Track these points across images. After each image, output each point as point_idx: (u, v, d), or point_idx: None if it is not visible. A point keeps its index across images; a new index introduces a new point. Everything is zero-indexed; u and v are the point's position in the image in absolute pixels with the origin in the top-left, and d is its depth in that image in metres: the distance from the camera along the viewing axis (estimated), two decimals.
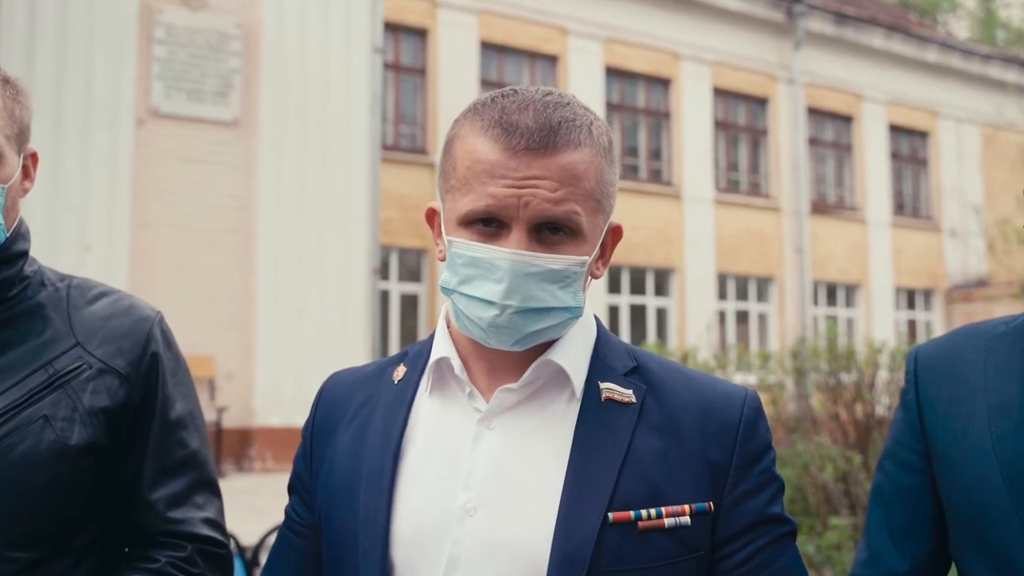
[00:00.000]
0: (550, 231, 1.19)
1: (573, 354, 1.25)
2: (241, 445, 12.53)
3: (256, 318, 12.68)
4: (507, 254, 1.17)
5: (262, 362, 12.67)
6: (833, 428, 6.10)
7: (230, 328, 12.54)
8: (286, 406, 12.58)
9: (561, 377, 1.24)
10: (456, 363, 1.26)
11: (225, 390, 12.39)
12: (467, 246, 1.20)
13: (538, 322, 1.20)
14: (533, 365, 1.23)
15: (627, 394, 1.24)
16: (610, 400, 1.23)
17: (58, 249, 11.15)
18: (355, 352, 13.06)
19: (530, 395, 1.24)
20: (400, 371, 1.33)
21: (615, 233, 1.31)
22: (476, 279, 1.19)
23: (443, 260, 1.27)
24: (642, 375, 1.27)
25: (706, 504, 1.20)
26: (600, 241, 1.26)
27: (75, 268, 9.12)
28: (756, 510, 1.22)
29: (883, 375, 6.15)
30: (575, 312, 1.23)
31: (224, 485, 1.63)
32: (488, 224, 1.19)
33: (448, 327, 1.30)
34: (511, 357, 1.24)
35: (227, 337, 12.46)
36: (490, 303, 1.18)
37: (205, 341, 11.86)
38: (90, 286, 1.56)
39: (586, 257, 1.22)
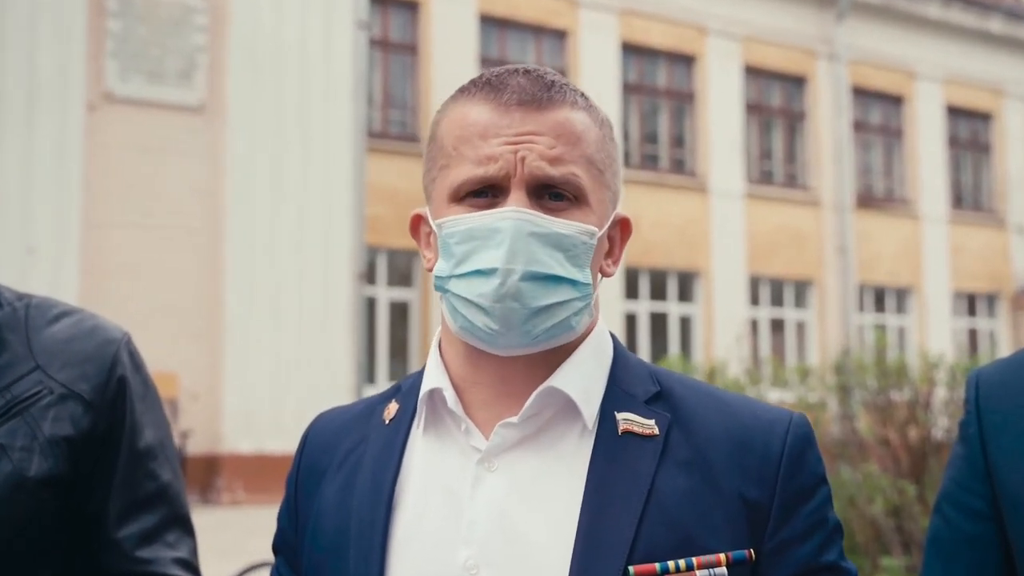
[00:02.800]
0: (551, 197, 1.21)
1: (582, 379, 1.24)
2: (207, 474, 12.52)
3: (225, 330, 12.68)
4: (508, 212, 1.18)
5: (231, 380, 12.67)
6: (883, 454, 6.08)
7: (195, 342, 12.54)
8: (258, 430, 12.57)
9: (570, 407, 1.23)
10: (449, 394, 1.25)
11: (190, 412, 12.39)
12: (460, 220, 1.21)
13: (546, 295, 1.19)
14: (534, 394, 1.21)
15: (648, 425, 1.22)
16: (629, 433, 1.22)
17: None
18: (338, 368, 13.06)
19: (537, 430, 1.23)
20: (392, 408, 1.33)
21: (624, 227, 1.31)
22: (474, 253, 1.19)
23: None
24: (667, 402, 1.25)
25: (745, 552, 1.17)
26: (608, 224, 1.26)
27: (17, 274, 9.12)
28: (804, 558, 1.19)
29: (940, 393, 6.12)
30: (585, 291, 1.22)
31: None
32: (482, 195, 1.21)
33: (441, 354, 1.30)
34: (515, 381, 1.23)
35: (192, 352, 12.46)
36: (491, 272, 1.18)
37: (167, 356, 11.85)
38: (51, 305, 1.60)
39: (595, 228, 1.22)
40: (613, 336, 1.33)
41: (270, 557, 1.45)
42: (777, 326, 18.62)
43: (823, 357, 16.30)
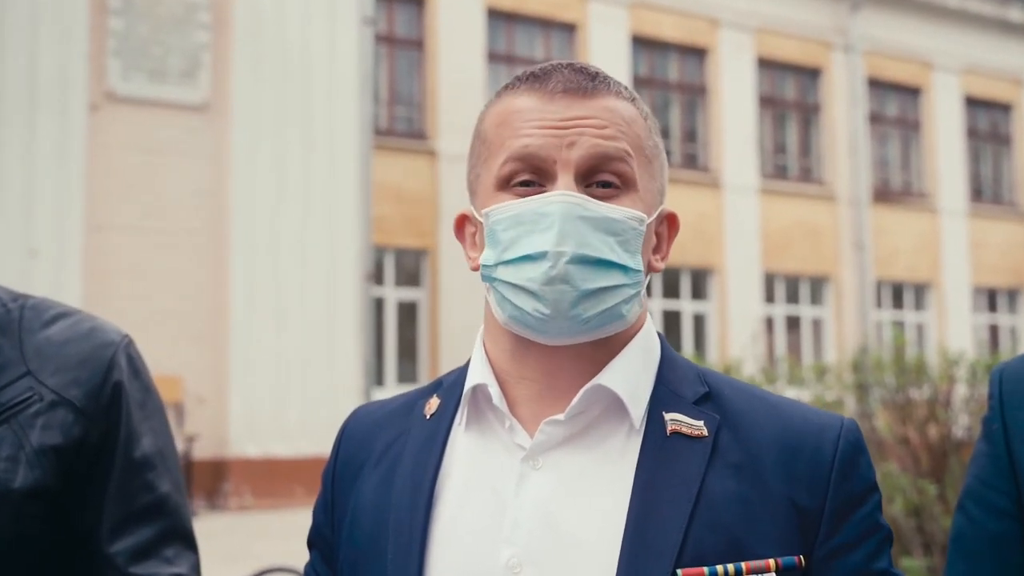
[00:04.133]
0: (599, 185, 1.21)
1: (630, 378, 1.24)
2: (214, 479, 12.54)
3: (229, 332, 12.69)
4: (556, 196, 1.18)
5: (237, 383, 12.68)
6: (902, 453, 6.06)
7: (200, 344, 12.56)
8: (265, 433, 12.58)
9: (617, 406, 1.23)
10: (494, 391, 1.25)
11: (195, 416, 12.41)
12: (507, 206, 1.21)
13: (597, 278, 1.19)
14: (582, 391, 1.22)
15: (697, 426, 1.22)
16: (677, 434, 1.22)
17: None
18: (345, 370, 13.06)
19: (583, 428, 1.23)
20: (433, 403, 1.33)
21: (671, 222, 1.31)
22: (521, 238, 1.20)
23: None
24: (715, 403, 1.25)
25: (795, 558, 1.17)
26: (656, 215, 1.27)
27: (18, 277, 9.16)
28: (855, 566, 1.19)
29: (961, 391, 6.10)
30: (636, 278, 1.22)
31: (194, 525, 1.62)
32: (528, 184, 1.21)
33: (485, 350, 1.30)
34: (561, 376, 1.24)
35: (197, 355, 12.48)
36: (541, 255, 1.18)
37: (171, 360, 11.89)
38: (47, 306, 1.56)
39: (643, 215, 1.23)
40: (661, 336, 1.33)
41: (281, 561, 1.45)
42: (793, 323, 18.57)
43: (840, 355, 16.25)
